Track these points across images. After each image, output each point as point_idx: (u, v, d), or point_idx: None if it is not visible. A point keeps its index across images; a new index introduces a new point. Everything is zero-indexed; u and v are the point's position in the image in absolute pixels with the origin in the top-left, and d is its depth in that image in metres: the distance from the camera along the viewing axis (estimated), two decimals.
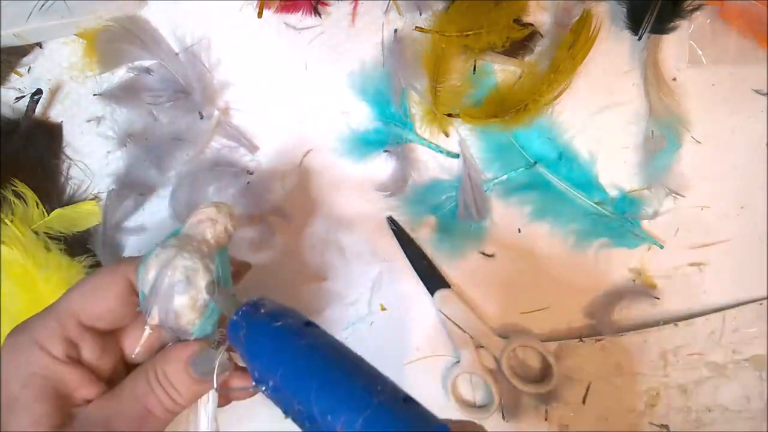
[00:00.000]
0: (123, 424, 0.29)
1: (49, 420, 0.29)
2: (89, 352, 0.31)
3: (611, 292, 0.44)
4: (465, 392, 0.44)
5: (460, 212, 0.43)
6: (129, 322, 0.32)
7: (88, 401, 0.30)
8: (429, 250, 0.44)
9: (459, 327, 0.42)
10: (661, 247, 0.43)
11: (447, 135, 0.43)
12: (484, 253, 0.44)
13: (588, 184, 0.43)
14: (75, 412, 0.30)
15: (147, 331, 0.31)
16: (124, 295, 0.31)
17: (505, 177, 0.43)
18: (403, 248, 0.43)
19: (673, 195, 0.43)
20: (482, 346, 0.43)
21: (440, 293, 0.43)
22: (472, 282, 0.44)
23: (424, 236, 0.44)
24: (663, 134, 0.42)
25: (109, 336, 0.32)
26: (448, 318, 0.42)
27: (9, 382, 0.29)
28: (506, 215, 0.43)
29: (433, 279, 0.43)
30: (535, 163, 0.42)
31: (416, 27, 0.40)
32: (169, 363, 0.31)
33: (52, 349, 0.30)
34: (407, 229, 0.43)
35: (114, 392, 0.31)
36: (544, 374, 0.43)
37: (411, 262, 0.43)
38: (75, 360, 0.31)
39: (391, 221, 0.43)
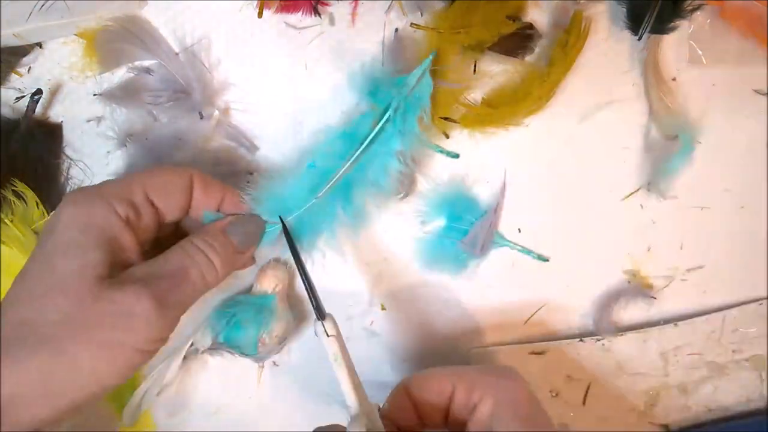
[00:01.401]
0: (162, 283, 0.32)
1: (96, 269, 0.31)
2: (146, 222, 0.34)
3: (608, 294, 0.44)
4: None
5: (465, 241, 0.42)
6: (176, 219, 0.36)
7: (131, 265, 0.33)
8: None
9: (337, 358, 0.35)
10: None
11: (447, 137, 0.43)
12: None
13: None
14: (121, 271, 0.32)
15: None
16: (186, 190, 0.36)
17: None
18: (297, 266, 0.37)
19: (671, 196, 0.43)
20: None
21: (320, 324, 0.35)
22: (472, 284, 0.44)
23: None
24: (677, 137, 0.41)
25: (161, 223, 0.36)
26: (331, 349, 0.35)
27: (67, 227, 0.31)
28: (506, 215, 0.44)
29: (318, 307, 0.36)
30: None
31: (411, 23, 0.40)
32: (208, 232, 0.35)
33: (118, 207, 0.33)
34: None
35: (156, 258, 0.33)
36: None
37: (303, 279, 0.37)
38: (133, 224, 0.33)
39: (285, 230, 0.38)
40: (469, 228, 0.42)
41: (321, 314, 0.35)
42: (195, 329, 0.42)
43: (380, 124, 0.38)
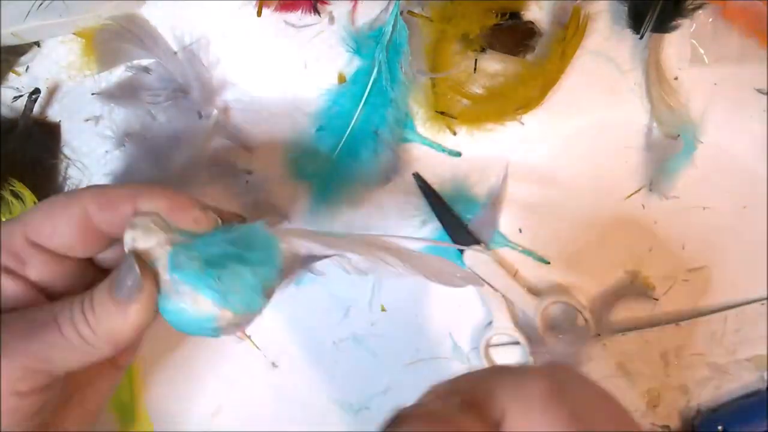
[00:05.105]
0: (20, 328, 0.27)
1: None
2: (35, 269, 0.29)
3: (609, 293, 0.43)
4: (498, 354, 0.43)
5: (472, 223, 0.43)
6: (89, 252, 0.30)
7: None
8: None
9: (490, 285, 0.42)
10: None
11: (454, 133, 0.43)
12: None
13: None
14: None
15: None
16: (79, 221, 0.29)
17: None
18: (430, 205, 0.42)
19: (672, 196, 0.43)
20: (514, 304, 0.42)
21: (470, 251, 0.42)
22: None
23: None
24: (679, 137, 0.41)
25: (70, 262, 0.30)
26: (479, 276, 0.42)
27: None
28: (507, 215, 0.43)
29: (461, 236, 0.42)
30: None
31: (408, 11, 0.40)
32: (95, 289, 0.28)
33: None
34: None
35: (44, 305, 0.29)
36: (579, 331, 0.42)
37: (439, 218, 0.42)
38: (13, 272, 0.29)
39: (418, 177, 0.42)
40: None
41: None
42: None
43: (372, 77, 0.40)
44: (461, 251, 0.42)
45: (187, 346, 0.44)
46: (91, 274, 0.31)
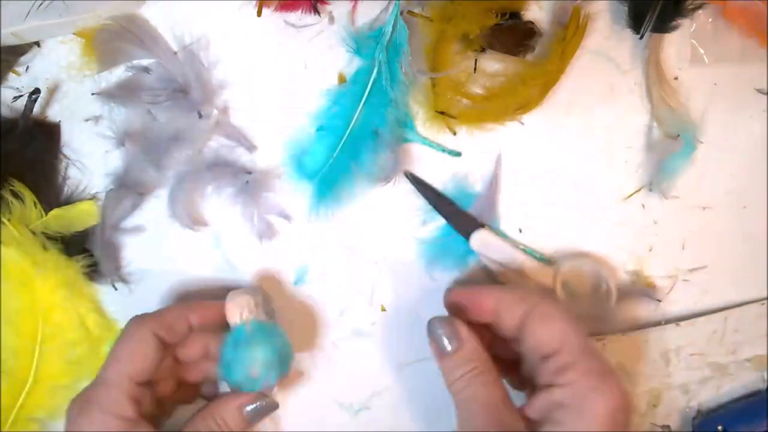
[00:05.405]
0: None
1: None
2: (148, 405, 0.37)
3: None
4: None
5: (473, 208, 0.43)
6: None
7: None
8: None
9: (503, 265, 0.41)
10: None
11: (454, 133, 0.43)
12: None
13: None
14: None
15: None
16: (157, 349, 0.36)
17: None
18: (427, 200, 0.43)
19: (673, 196, 0.43)
20: (529, 278, 0.42)
21: (476, 235, 0.42)
22: None
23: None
24: (679, 136, 0.41)
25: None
26: (490, 259, 0.42)
27: None
28: (507, 215, 0.43)
29: (464, 222, 0.42)
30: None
31: (408, 11, 0.40)
32: (227, 409, 0.37)
33: (126, 412, 0.34)
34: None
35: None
36: (601, 293, 0.42)
37: (438, 210, 0.42)
38: (141, 416, 0.35)
39: (410, 176, 0.43)
40: None
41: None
42: None
43: (372, 77, 0.40)
44: (467, 237, 0.42)
45: None
46: None
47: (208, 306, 0.40)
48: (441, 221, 0.43)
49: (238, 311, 0.39)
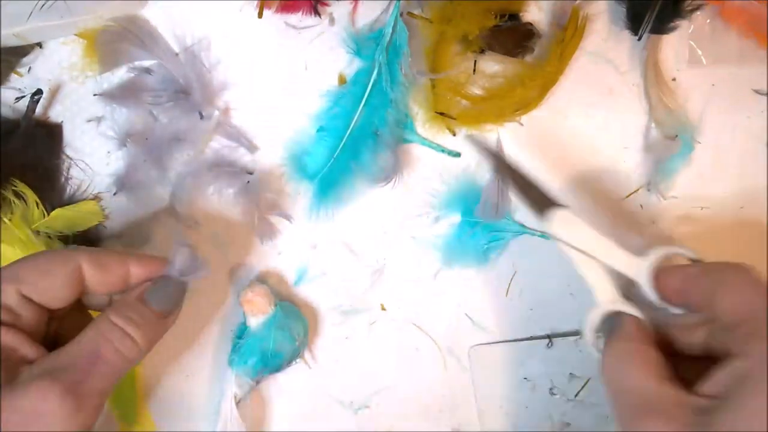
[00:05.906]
0: (71, 372, 0.29)
1: None
2: (29, 319, 0.31)
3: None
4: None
5: (479, 209, 0.42)
6: (65, 306, 0.33)
7: (31, 361, 0.30)
8: None
9: (585, 253, 0.36)
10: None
11: (454, 134, 0.43)
12: None
13: None
14: (19, 371, 0.30)
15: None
16: (70, 277, 0.32)
17: None
18: (496, 171, 0.41)
19: (671, 196, 0.43)
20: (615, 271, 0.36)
21: (557, 214, 0.36)
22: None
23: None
24: (677, 137, 0.41)
25: (46, 313, 0.32)
26: (568, 244, 0.36)
27: None
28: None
29: (540, 200, 0.37)
30: None
31: (408, 12, 0.41)
32: (124, 303, 0.32)
33: None
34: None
35: (70, 344, 0.31)
36: None
37: (512, 183, 0.39)
38: (12, 325, 0.30)
39: (476, 143, 0.42)
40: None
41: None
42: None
43: (372, 78, 0.40)
44: (541, 217, 0.37)
45: (189, 347, 0.44)
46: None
47: (153, 260, 0.35)
48: (455, 218, 0.43)
49: (268, 300, 0.41)
